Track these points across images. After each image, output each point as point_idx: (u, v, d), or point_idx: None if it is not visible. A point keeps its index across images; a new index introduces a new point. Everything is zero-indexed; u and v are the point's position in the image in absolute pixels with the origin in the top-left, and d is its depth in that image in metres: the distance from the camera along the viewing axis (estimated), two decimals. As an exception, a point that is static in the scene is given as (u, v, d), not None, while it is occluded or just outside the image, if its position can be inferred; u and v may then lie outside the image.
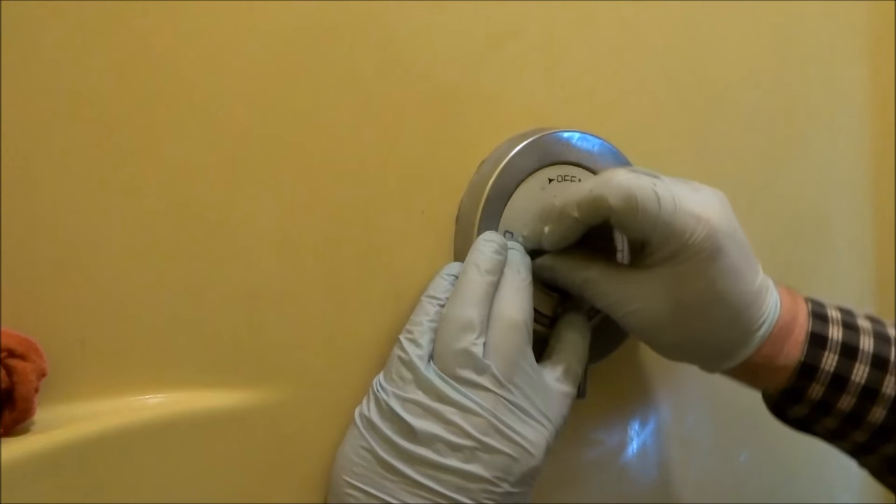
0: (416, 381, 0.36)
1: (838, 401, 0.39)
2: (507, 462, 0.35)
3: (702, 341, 0.39)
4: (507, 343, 0.37)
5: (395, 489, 0.35)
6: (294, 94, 0.37)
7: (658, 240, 0.37)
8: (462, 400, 0.35)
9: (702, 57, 0.52)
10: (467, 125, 0.42)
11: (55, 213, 0.33)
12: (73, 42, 0.33)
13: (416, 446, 0.35)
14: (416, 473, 0.35)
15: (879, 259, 0.65)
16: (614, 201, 0.37)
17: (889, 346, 0.40)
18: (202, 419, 0.35)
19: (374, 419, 0.36)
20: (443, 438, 0.35)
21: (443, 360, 0.36)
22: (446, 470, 0.35)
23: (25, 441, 0.31)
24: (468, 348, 0.36)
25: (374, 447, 0.35)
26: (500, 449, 0.35)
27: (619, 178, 0.37)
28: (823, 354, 0.39)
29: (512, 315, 0.37)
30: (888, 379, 0.39)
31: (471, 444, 0.35)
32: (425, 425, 0.35)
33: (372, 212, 0.39)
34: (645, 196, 0.37)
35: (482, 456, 0.35)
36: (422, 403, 0.35)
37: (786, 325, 0.40)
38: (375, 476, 0.35)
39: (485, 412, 0.35)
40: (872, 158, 0.64)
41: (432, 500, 0.34)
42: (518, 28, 0.44)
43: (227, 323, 0.36)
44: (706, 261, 0.37)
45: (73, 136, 0.33)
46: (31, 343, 0.32)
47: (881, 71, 0.64)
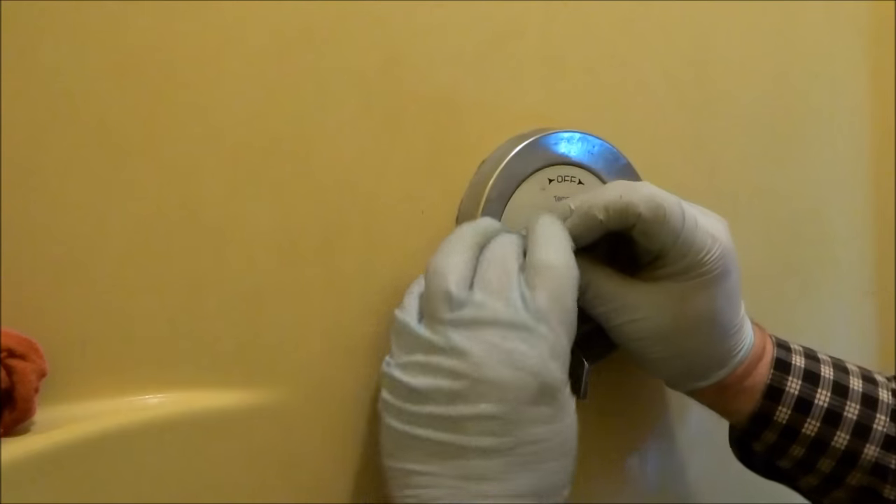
0: (410, 343, 0.35)
1: (804, 425, 0.41)
2: (513, 389, 0.34)
3: (688, 358, 0.41)
4: (491, 272, 0.36)
5: (419, 455, 0.34)
6: (294, 94, 0.37)
7: (676, 253, 0.38)
8: (449, 343, 0.34)
9: (702, 57, 0.52)
10: (467, 125, 0.42)
11: (55, 213, 0.33)
12: (73, 42, 0.33)
13: (422, 405, 0.34)
14: (431, 431, 0.34)
15: (879, 259, 0.65)
16: (644, 209, 0.37)
17: (847, 375, 0.42)
18: (202, 419, 0.35)
19: (385, 397, 0.35)
20: (442, 389, 0.34)
21: (429, 312, 0.35)
22: (457, 419, 0.33)
23: (25, 441, 0.31)
24: (447, 288, 0.35)
25: (392, 422, 0.35)
26: (501, 379, 0.33)
27: (647, 188, 0.38)
28: (788, 379, 0.41)
29: (499, 251, 0.37)
30: (849, 405, 0.41)
31: (468, 384, 0.33)
32: (423, 381, 0.34)
33: (372, 212, 0.39)
34: (672, 209, 0.38)
35: (486, 392, 0.33)
36: (418, 362, 0.34)
37: (757, 353, 0.42)
38: (401, 449, 0.34)
39: (476, 348, 0.34)
40: (872, 158, 0.64)
41: (456, 452, 0.33)
42: (518, 28, 0.43)
43: (227, 323, 0.36)
44: (715, 280, 0.39)
45: (72, 136, 0.33)
46: (31, 343, 0.32)
47: (881, 71, 0.64)
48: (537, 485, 0.34)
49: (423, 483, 0.34)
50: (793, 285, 0.59)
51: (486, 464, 0.33)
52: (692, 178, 0.52)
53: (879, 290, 0.65)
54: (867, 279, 0.65)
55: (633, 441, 0.50)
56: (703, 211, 0.41)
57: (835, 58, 0.61)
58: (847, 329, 0.64)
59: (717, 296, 0.39)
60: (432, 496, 0.33)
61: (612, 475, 0.49)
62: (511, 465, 0.34)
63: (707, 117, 0.52)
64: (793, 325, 0.59)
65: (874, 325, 0.66)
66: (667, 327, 0.39)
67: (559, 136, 0.43)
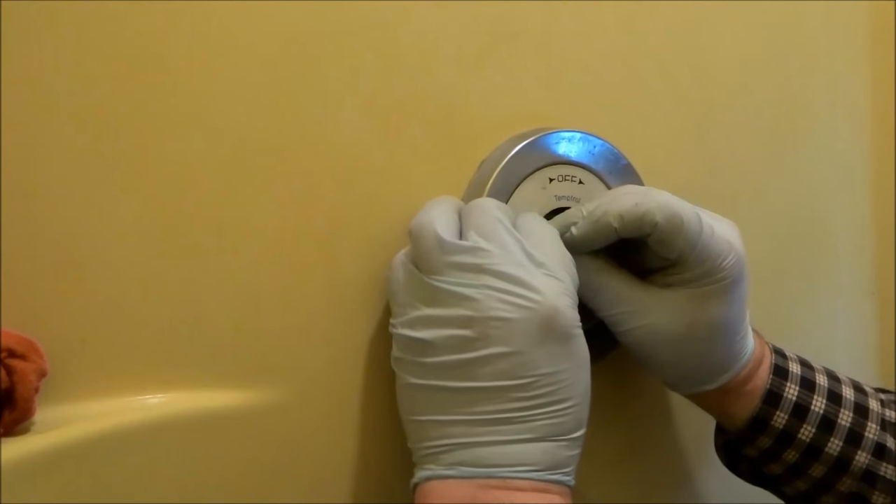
0: (409, 299, 0.35)
1: (800, 430, 0.42)
2: (520, 328, 0.33)
3: (696, 362, 0.41)
4: (480, 219, 0.36)
5: (435, 405, 0.34)
6: (294, 94, 0.37)
7: (693, 261, 0.39)
8: (451, 289, 0.34)
9: (702, 57, 0.52)
10: (467, 125, 0.42)
11: (55, 213, 0.33)
12: (73, 42, 0.33)
13: (433, 356, 0.34)
14: (445, 381, 0.34)
15: (879, 259, 0.65)
16: (661, 219, 0.38)
17: (839, 384, 0.43)
18: (202, 419, 0.35)
19: (397, 354, 0.36)
20: (450, 337, 0.34)
21: (423, 265, 0.35)
22: (468, 363, 0.33)
23: (25, 441, 0.31)
24: (437, 234, 0.35)
25: (406, 378, 0.35)
26: (507, 319, 0.33)
27: (663, 196, 0.38)
28: (786, 385, 0.42)
29: (482, 202, 0.37)
30: (843, 412, 0.42)
31: (475, 329, 0.33)
32: (431, 333, 0.34)
33: (372, 211, 0.39)
34: (689, 217, 0.38)
35: (493, 334, 0.33)
36: (423, 315, 0.35)
37: (757, 357, 0.42)
38: (418, 402, 0.35)
39: (477, 291, 0.34)
40: (872, 159, 0.64)
41: (478, 397, 0.33)
42: (518, 28, 0.44)
43: (227, 323, 0.36)
44: (730, 286, 0.39)
45: (72, 136, 0.33)
46: (31, 343, 0.32)
47: (881, 71, 0.64)
48: (551, 424, 0.34)
49: (444, 432, 0.34)
50: (793, 285, 0.59)
51: (500, 406, 0.33)
52: (692, 178, 0.52)
53: (879, 290, 0.65)
54: (867, 279, 0.65)
55: (632, 441, 0.50)
56: (715, 216, 0.41)
57: (835, 58, 0.61)
58: (847, 329, 0.64)
59: (731, 301, 0.40)
60: (453, 444, 0.34)
61: (612, 475, 0.49)
62: (525, 405, 0.33)
63: (707, 117, 0.52)
64: (793, 325, 0.59)
65: (874, 325, 0.66)
66: (680, 332, 0.39)
67: (560, 136, 0.43)
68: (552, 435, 0.34)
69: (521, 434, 0.33)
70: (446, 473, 0.34)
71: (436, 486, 0.34)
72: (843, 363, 0.63)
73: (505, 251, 0.35)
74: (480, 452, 0.33)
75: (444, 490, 0.33)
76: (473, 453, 0.33)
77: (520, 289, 0.34)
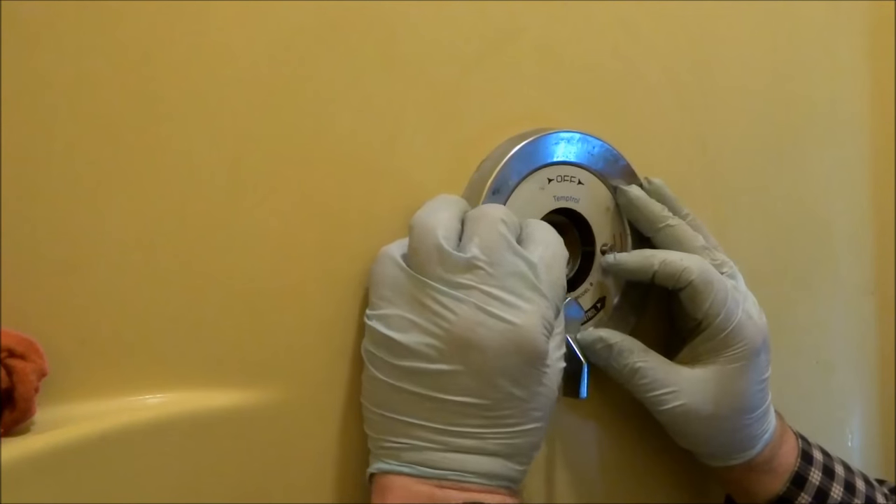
0: (393, 297, 0.35)
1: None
2: (497, 353, 0.34)
3: (725, 437, 0.44)
4: (484, 230, 0.36)
5: (403, 406, 0.35)
6: (294, 94, 0.37)
7: (718, 325, 0.42)
8: (439, 298, 0.34)
9: (702, 57, 0.52)
10: (467, 125, 0.42)
11: (55, 213, 0.33)
12: (73, 42, 0.33)
13: (406, 360, 0.35)
14: (414, 386, 0.35)
15: (879, 259, 0.65)
16: (696, 277, 0.42)
17: (853, 475, 0.47)
18: (202, 419, 0.35)
19: (370, 348, 0.36)
20: (426, 346, 0.34)
21: (417, 267, 0.35)
22: (438, 375, 0.34)
23: (25, 441, 0.31)
24: (437, 243, 0.35)
25: (376, 373, 0.36)
26: (485, 342, 0.34)
27: (706, 263, 0.43)
28: (811, 469, 0.46)
29: (489, 210, 0.37)
30: (856, 501, 0.45)
31: (453, 344, 0.34)
32: (408, 338, 0.35)
33: (372, 212, 0.39)
34: (720, 287, 0.43)
35: (468, 353, 0.34)
36: (404, 317, 0.35)
37: (779, 433, 0.46)
38: (385, 399, 0.36)
39: (463, 309, 0.34)
40: (872, 159, 0.64)
41: (443, 408, 0.34)
42: (518, 28, 0.43)
43: (227, 323, 0.36)
44: (750, 354, 0.43)
45: (73, 135, 0.33)
46: (31, 343, 0.32)
47: (881, 71, 0.64)
48: (507, 444, 0.35)
49: (407, 432, 0.35)
50: (793, 285, 0.59)
51: (463, 420, 0.35)
52: (692, 178, 0.52)
53: (879, 290, 0.65)
54: (867, 279, 0.65)
55: (632, 441, 0.50)
56: (745, 293, 0.45)
57: (835, 58, 0.61)
58: (847, 329, 0.64)
59: (752, 378, 0.43)
60: (414, 445, 0.35)
61: (614, 473, 0.49)
62: (485, 422, 0.35)
63: (707, 117, 0.52)
64: (793, 325, 0.59)
65: (874, 325, 0.66)
66: (710, 410, 0.42)
67: (559, 136, 0.43)
68: (506, 453, 0.35)
69: (478, 449, 0.35)
70: (403, 470, 0.35)
71: (393, 480, 0.35)
72: (843, 363, 0.63)
73: (500, 271, 0.35)
74: (436, 457, 0.35)
75: (403, 486, 0.35)
76: (430, 456, 0.35)
77: (504, 313, 0.34)
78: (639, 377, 0.42)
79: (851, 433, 0.65)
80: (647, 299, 0.47)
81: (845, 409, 0.65)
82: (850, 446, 0.64)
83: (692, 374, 0.43)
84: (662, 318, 0.49)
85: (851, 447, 0.65)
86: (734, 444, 0.44)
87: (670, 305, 0.48)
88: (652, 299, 0.48)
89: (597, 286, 0.45)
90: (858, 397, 0.65)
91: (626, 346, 0.43)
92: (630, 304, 0.47)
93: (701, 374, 0.43)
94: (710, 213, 0.51)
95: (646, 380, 0.42)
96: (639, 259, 0.43)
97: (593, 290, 0.45)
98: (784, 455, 0.45)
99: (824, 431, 0.51)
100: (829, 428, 0.63)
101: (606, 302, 0.46)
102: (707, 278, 0.42)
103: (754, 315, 0.44)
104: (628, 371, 0.42)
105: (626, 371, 0.42)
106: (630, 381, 0.43)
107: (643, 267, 0.43)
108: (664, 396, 0.42)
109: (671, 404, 0.42)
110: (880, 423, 0.66)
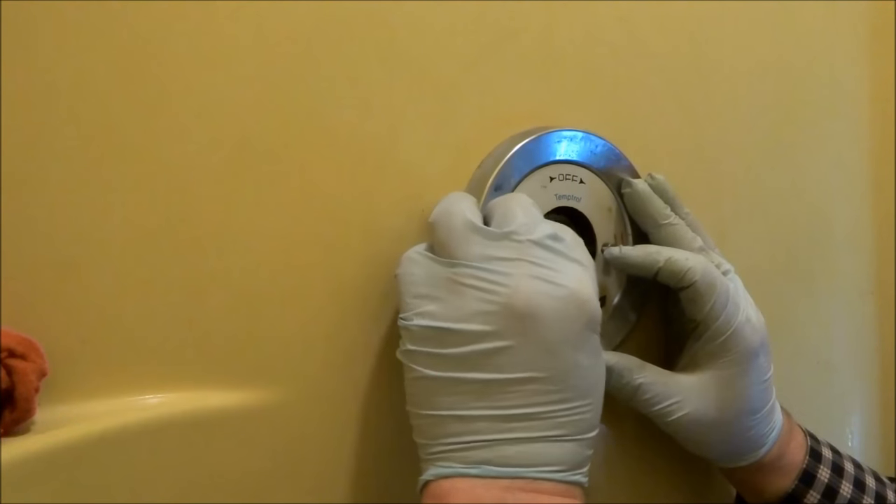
0: (431, 289, 0.34)
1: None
2: (552, 318, 0.33)
3: (733, 440, 0.44)
4: (516, 208, 0.35)
5: (455, 398, 0.33)
6: (294, 94, 0.37)
7: (716, 329, 0.42)
8: (483, 275, 0.33)
9: (702, 57, 0.52)
10: (468, 124, 0.42)
11: (55, 213, 0.33)
12: (73, 42, 0.33)
13: (455, 347, 0.33)
14: (473, 372, 0.33)
15: (879, 259, 0.65)
16: (700, 278, 0.42)
17: (863, 472, 0.47)
18: (202, 419, 0.35)
19: (409, 347, 0.34)
20: (476, 326, 0.33)
21: (448, 252, 0.34)
22: (498, 353, 0.32)
23: (25, 441, 0.31)
24: (467, 219, 0.34)
25: (421, 370, 0.34)
26: (538, 309, 0.33)
27: (710, 265, 0.43)
28: (819, 467, 0.46)
29: (516, 194, 0.38)
30: (867, 499, 0.45)
31: (507, 319, 0.32)
32: (458, 323, 0.33)
33: (372, 212, 0.39)
34: (722, 289, 0.42)
35: (526, 323, 0.32)
36: (447, 304, 0.33)
37: (786, 430, 0.46)
38: (435, 395, 0.33)
39: (509, 280, 0.33)
40: (872, 158, 0.64)
41: (504, 390, 0.32)
42: (518, 27, 0.43)
43: (227, 323, 0.36)
44: (749, 356, 0.43)
45: (72, 136, 0.33)
46: (31, 343, 0.32)
47: (881, 71, 0.64)
48: (576, 421, 0.34)
49: (466, 428, 0.33)
50: (793, 285, 0.59)
51: (527, 400, 0.33)
52: (692, 177, 0.52)
53: (879, 290, 0.65)
54: (867, 279, 0.65)
55: (635, 440, 0.49)
56: (748, 300, 0.45)
57: (835, 58, 0.61)
58: (847, 329, 0.64)
59: (752, 380, 0.43)
60: (476, 442, 0.32)
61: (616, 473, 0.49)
62: (552, 398, 0.33)
63: (707, 117, 0.52)
64: (793, 325, 0.59)
65: (874, 325, 0.66)
66: (714, 416, 0.42)
67: (561, 135, 0.43)
68: (576, 433, 0.33)
69: (548, 431, 0.33)
70: (471, 472, 0.32)
71: (457, 484, 0.32)
72: (843, 363, 0.63)
73: (540, 242, 0.34)
74: (506, 451, 0.32)
75: (468, 490, 0.32)
76: (499, 452, 0.32)
77: (557, 279, 0.33)
78: (641, 393, 0.42)
79: (851, 433, 0.65)
80: (648, 298, 0.47)
81: (845, 409, 0.65)
82: (850, 446, 0.64)
83: (693, 382, 0.43)
84: (663, 316, 0.49)
85: (851, 447, 0.65)
86: (742, 446, 0.44)
87: (668, 307, 0.48)
88: (652, 298, 0.48)
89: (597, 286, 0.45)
90: (858, 397, 0.65)
91: (623, 364, 0.42)
92: (631, 302, 0.46)
93: (701, 380, 0.43)
94: (710, 213, 0.51)
95: (648, 395, 0.42)
96: (644, 254, 0.43)
97: (594, 289, 0.45)
98: (792, 453, 0.45)
99: (824, 431, 0.51)
100: (829, 428, 0.63)
101: (607, 301, 0.46)
102: (710, 280, 0.42)
103: (753, 318, 0.44)
104: (630, 389, 0.42)
105: (627, 389, 0.42)
106: (633, 399, 0.42)
107: (648, 263, 0.43)
108: (669, 408, 0.42)
109: (676, 415, 0.42)
110: (880, 423, 0.66)
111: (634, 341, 0.48)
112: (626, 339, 0.47)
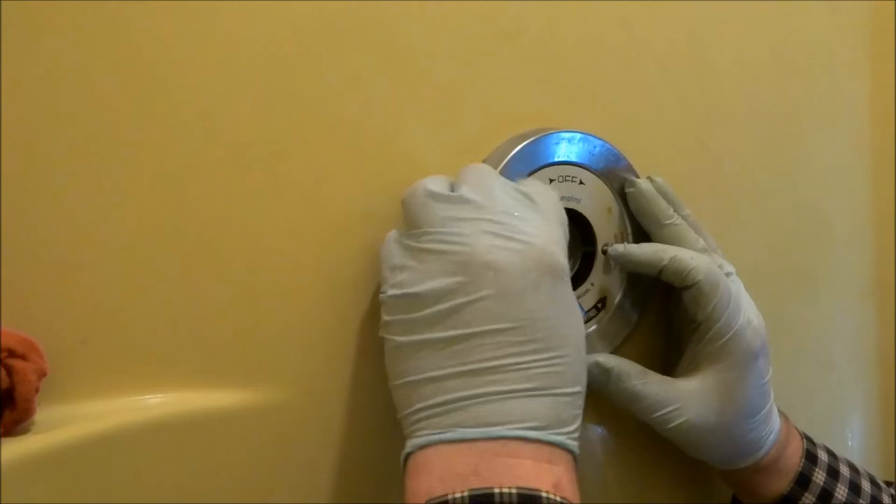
0: (401, 260, 0.35)
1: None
2: (511, 267, 0.33)
3: (732, 444, 0.44)
4: (473, 176, 0.37)
5: (426, 361, 0.33)
6: (294, 94, 0.37)
7: (718, 331, 0.42)
8: (443, 237, 0.34)
9: (702, 57, 0.52)
10: (467, 125, 0.42)
11: (55, 213, 0.33)
12: (73, 42, 0.33)
13: (423, 309, 0.33)
14: (442, 331, 0.33)
15: (879, 259, 0.65)
16: (704, 278, 0.42)
17: (859, 476, 0.47)
18: (202, 419, 0.35)
19: (386, 319, 0.35)
20: (445, 283, 0.33)
21: (416, 219, 0.35)
22: (462, 309, 0.33)
23: (25, 441, 0.31)
24: (427, 188, 0.35)
25: (396, 338, 0.34)
26: (496, 260, 0.33)
27: (714, 266, 0.43)
28: (815, 470, 0.46)
29: (475, 164, 0.39)
30: (860, 502, 0.46)
31: (465, 273, 0.33)
32: (423, 287, 0.33)
33: (372, 212, 0.39)
34: (725, 290, 0.42)
35: (487, 276, 0.33)
36: (414, 270, 0.34)
37: (784, 432, 0.46)
38: (408, 360, 0.34)
39: (465, 237, 0.34)
40: (872, 158, 0.64)
41: (471, 345, 0.33)
42: (518, 28, 0.43)
43: (227, 323, 0.36)
44: (748, 358, 0.43)
45: (72, 136, 0.33)
46: (31, 343, 0.32)
47: (881, 71, 0.64)
48: (549, 373, 0.33)
49: (436, 389, 0.33)
50: (793, 286, 0.59)
51: (495, 353, 0.32)
52: (692, 178, 0.52)
53: (879, 290, 0.65)
54: (867, 279, 0.65)
55: (634, 440, 0.49)
56: (748, 299, 0.45)
57: (835, 58, 0.61)
58: (847, 329, 0.64)
59: (751, 384, 0.43)
60: (447, 402, 0.32)
61: (616, 472, 0.49)
62: (520, 349, 0.33)
63: (707, 117, 0.52)
64: (793, 326, 0.59)
65: (874, 326, 0.66)
66: (713, 421, 0.42)
67: (560, 136, 0.43)
68: (551, 387, 0.33)
69: (519, 384, 0.32)
70: (445, 437, 0.32)
71: (430, 456, 0.32)
72: (843, 363, 0.63)
73: (497, 203, 0.35)
74: (478, 410, 0.32)
75: (442, 461, 0.31)
76: (471, 412, 0.32)
77: (513, 232, 0.34)
78: (640, 400, 0.42)
79: (851, 433, 0.65)
80: (650, 297, 0.47)
81: (845, 409, 0.65)
82: (850, 446, 0.64)
83: (692, 387, 0.43)
84: (664, 317, 0.49)
85: (851, 447, 0.65)
86: (741, 449, 0.44)
87: (669, 307, 0.48)
88: (654, 297, 0.47)
89: (598, 286, 0.45)
90: (858, 397, 0.65)
91: (623, 369, 0.42)
92: (632, 302, 0.47)
93: (701, 385, 0.43)
94: (710, 213, 0.51)
95: (647, 402, 0.42)
96: (649, 252, 0.43)
97: (594, 290, 0.45)
98: (789, 456, 0.46)
99: (824, 431, 0.51)
100: (829, 428, 0.63)
101: (607, 302, 0.46)
102: (714, 280, 0.42)
103: (754, 321, 0.44)
104: (628, 395, 0.42)
105: (626, 395, 0.42)
106: (631, 405, 0.42)
107: (652, 260, 0.43)
108: (668, 415, 0.42)
109: (675, 422, 0.42)
110: (880, 423, 0.66)
111: (635, 341, 0.48)
112: (628, 338, 0.47)
